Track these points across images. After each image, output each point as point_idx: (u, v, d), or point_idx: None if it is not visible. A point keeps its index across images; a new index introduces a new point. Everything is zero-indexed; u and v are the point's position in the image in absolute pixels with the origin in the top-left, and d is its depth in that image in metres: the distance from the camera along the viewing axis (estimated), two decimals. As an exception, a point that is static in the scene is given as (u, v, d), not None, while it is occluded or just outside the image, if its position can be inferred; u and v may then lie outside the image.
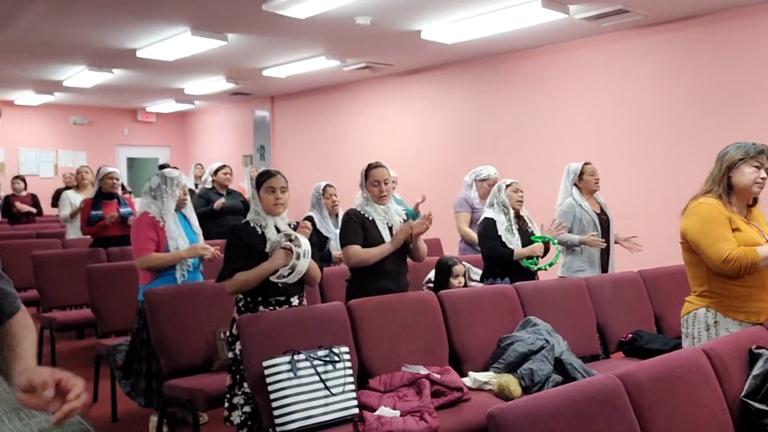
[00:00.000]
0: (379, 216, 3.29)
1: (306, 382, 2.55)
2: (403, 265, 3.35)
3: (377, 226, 3.27)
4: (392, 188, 3.45)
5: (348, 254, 3.22)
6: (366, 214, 3.28)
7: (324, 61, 6.83)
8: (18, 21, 5.31)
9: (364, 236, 3.22)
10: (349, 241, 3.21)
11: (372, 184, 3.28)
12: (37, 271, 4.84)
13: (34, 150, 11.02)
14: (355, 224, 3.23)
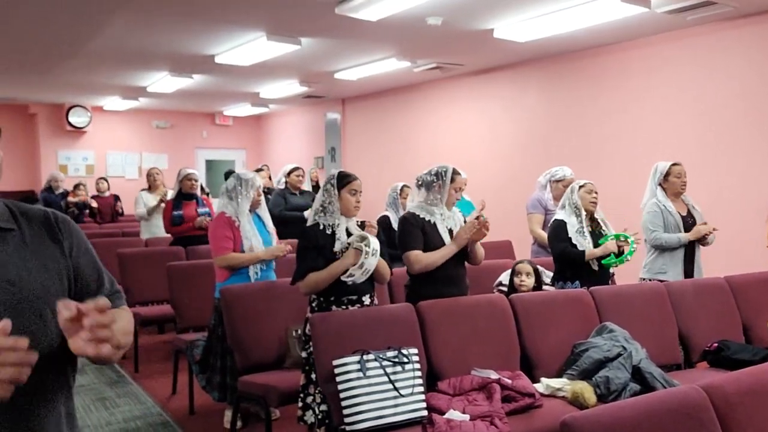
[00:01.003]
0: (442, 219, 3.22)
1: (375, 382, 2.56)
2: (461, 268, 3.27)
3: (438, 230, 3.16)
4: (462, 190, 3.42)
5: (410, 260, 3.10)
6: (426, 217, 3.18)
7: (395, 62, 6.85)
8: (106, 31, 5.62)
9: (424, 240, 3.12)
10: (410, 246, 3.10)
11: (455, 189, 3.21)
12: (122, 269, 5.10)
13: (120, 152, 11.63)
14: (415, 229, 3.12)
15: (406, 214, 3.24)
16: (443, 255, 3.11)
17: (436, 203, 3.20)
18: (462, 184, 3.27)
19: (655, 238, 3.99)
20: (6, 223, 1.24)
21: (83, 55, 6.66)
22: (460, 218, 3.32)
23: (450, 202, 3.24)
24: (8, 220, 1.26)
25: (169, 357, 4.75)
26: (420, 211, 3.20)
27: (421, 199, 3.23)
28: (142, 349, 5.12)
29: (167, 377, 4.45)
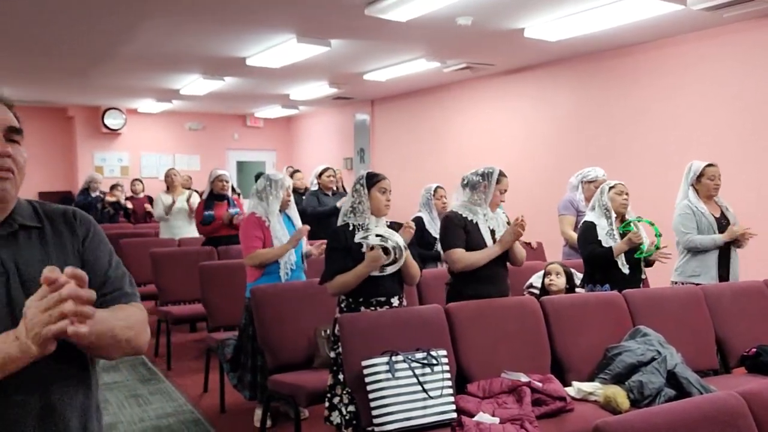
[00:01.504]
0: (483, 218, 3.24)
1: (404, 383, 2.55)
2: (503, 269, 3.28)
3: (479, 229, 3.21)
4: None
5: (452, 259, 3.18)
6: (469, 216, 3.23)
7: (424, 63, 6.84)
8: (141, 35, 5.74)
9: (466, 239, 3.17)
10: (453, 244, 3.17)
11: (500, 191, 3.25)
12: (155, 268, 5.19)
13: (154, 154, 11.86)
14: (457, 227, 3.19)
15: (449, 213, 3.28)
16: (486, 256, 3.14)
17: (480, 203, 3.25)
18: (507, 186, 3.30)
19: (688, 241, 3.90)
20: (31, 221, 1.28)
21: (118, 59, 6.80)
22: (504, 220, 3.33)
23: (494, 203, 3.27)
24: (33, 218, 1.29)
25: (201, 355, 4.82)
26: (463, 210, 3.25)
27: (465, 199, 3.28)
28: (175, 347, 5.20)
29: (199, 375, 4.51)
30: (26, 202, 1.32)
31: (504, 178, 3.28)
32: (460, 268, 3.18)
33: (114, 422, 3.82)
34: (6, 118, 1.24)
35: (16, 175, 1.23)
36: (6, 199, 1.22)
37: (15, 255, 1.22)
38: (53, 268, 1.10)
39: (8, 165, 1.21)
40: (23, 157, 1.25)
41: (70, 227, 1.33)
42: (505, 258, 3.26)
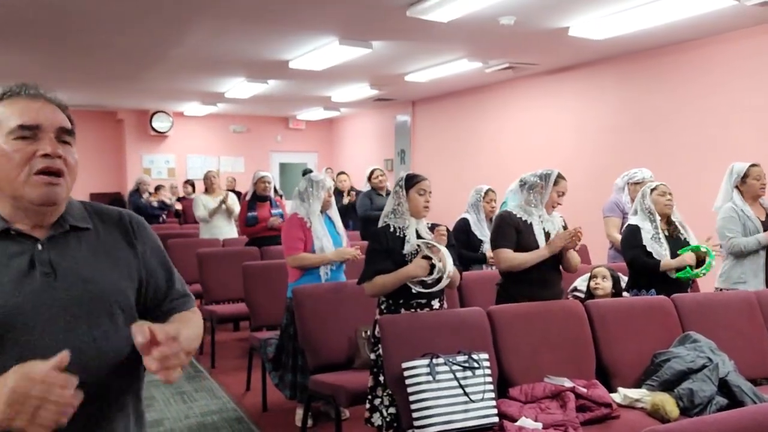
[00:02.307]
0: (539, 220, 3.21)
1: (445, 386, 2.53)
2: (556, 273, 3.23)
3: (533, 230, 3.18)
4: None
5: (499, 258, 3.17)
6: (523, 217, 3.21)
7: (466, 63, 6.79)
8: (189, 39, 5.87)
9: (518, 240, 3.15)
10: (501, 244, 3.16)
11: (558, 193, 3.23)
12: (201, 268, 5.29)
13: (199, 156, 12.12)
14: (509, 227, 3.17)
15: (503, 212, 3.29)
16: (534, 258, 3.11)
17: (536, 204, 3.23)
18: (565, 188, 3.27)
19: (733, 245, 3.75)
20: (82, 222, 1.29)
21: (166, 63, 6.98)
22: (560, 223, 3.29)
23: (550, 205, 3.24)
24: (84, 219, 1.30)
25: (244, 354, 4.89)
26: (518, 210, 3.24)
27: (522, 199, 3.26)
28: (219, 345, 5.29)
29: (242, 374, 4.58)
30: (78, 203, 1.33)
31: (562, 180, 3.25)
32: (505, 268, 3.18)
33: (160, 418, 3.92)
34: (58, 119, 1.25)
35: (67, 177, 1.24)
36: (57, 201, 1.23)
37: (64, 256, 1.24)
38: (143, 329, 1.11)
39: (59, 166, 1.22)
40: (74, 158, 1.26)
41: (124, 232, 1.34)
42: (558, 262, 3.21)
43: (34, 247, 1.22)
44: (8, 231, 1.21)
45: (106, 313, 1.25)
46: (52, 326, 1.19)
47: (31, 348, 1.17)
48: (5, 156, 1.19)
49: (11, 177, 1.19)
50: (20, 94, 1.24)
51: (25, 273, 1.19)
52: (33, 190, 1.19)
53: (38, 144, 1.20)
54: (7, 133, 1.20)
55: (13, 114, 1.21)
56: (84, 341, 1.21)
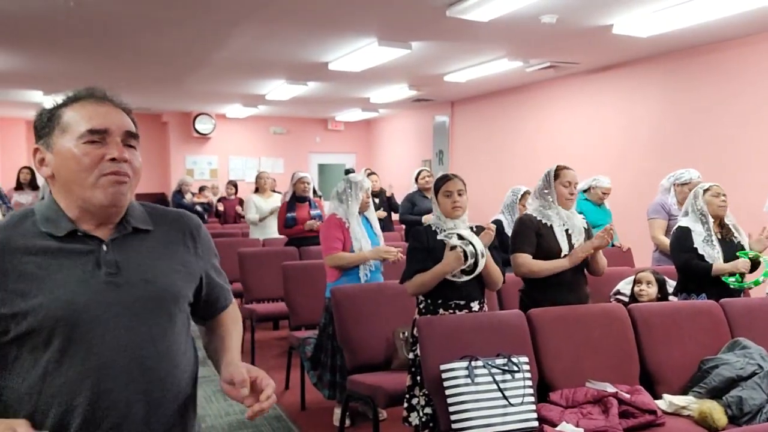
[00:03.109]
0: (560, 221, 3.14)
1: (483, 389, 2.51)
2: (580, 275, 3.15)
3: (554, 232, 3.10)
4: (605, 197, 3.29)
5: (517, 263, 3.10)
6: (543, 219, 3.14)
7: (506, 63, 6.72)
8: (231, 43, 5.97)
9: (539, 243, 3.08)
10: (520, 248, 3.09)
11: (563, 184, 3.13)
12: (242, 267, 5.37)
13: (240, 157, 12.32)
14: (528, 231, 3.10)
15: (523, 215, 3.24)
16: (553, 267, 3.04)
17: (550, 205, 3.15)
18: (570, 178, 3.16)
19: None
20: (143, 224, 1.34)
21: (210, 66, 7.12)
22: (580, 222, 3.19)
23: (562, 198, 3.14)
24: (145, 221, 1.35)
25: (283, 353, 4.95)
26: (537, 213, 3.17)
27: (538, 203, 3.20)
28: (258, 344, 5.35)
29: (281, 372, 4.62)
30: (139, 205, 1.38)
31: (565, 170, 3.15)
32: (522, 274, 3.12)
33: (201, 415, 3.99)
34: (124, 124, 1.29)
35: (132, 180, 1.29)
36: (122, 204, 1.28)
37: (127, 257, 1.28)
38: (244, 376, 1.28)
39: (125, 170, 1.26)
40: (139, 161, 1.31)
41: (182, 232, 1.39)
42: (584, 265, 3.13)
43: (99, 248, 1.26)
44: (75, 232, 1.26)
45: (165, 313, 1.30)
46: (114, 325, 1.23)
47: (94, 346, 1.21)
48: (75, 159, 1.23)
49: (80, 180, 1.23)
50: (88, 98, 1.28)
51: (90, 273, 1.24)
52: (100, 192, 1.24)
53: (106, 148, 1.25)
54: (77, 137, 1.24)
55: (82, 118, 1.25)
56: (144, 339, 1.26)
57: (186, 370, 1.35)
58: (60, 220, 1.26)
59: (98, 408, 1.21)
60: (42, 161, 1.28)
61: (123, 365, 1.23)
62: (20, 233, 1.24)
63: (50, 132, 1.26)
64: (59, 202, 1.28)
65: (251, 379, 1.29)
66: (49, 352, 1.19)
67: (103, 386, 1.21)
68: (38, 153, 1.28)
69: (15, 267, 1.20)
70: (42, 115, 1.28)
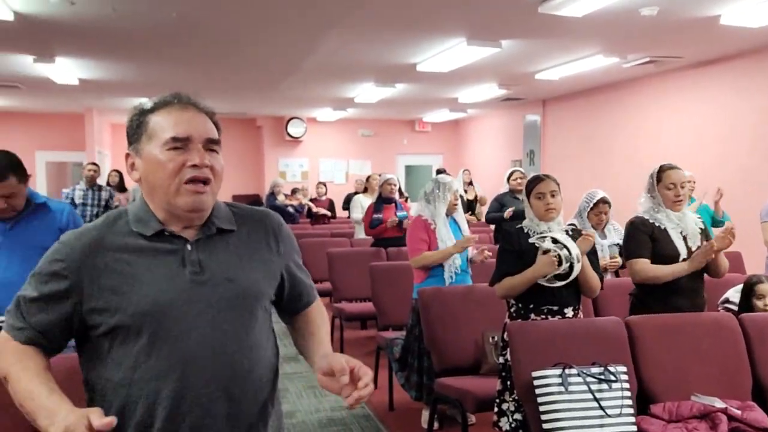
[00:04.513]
0: (672, 224, 2.96)
1: (578, 398, 2.40)
2: (699, 280, 2.95)
3: (670, 236, 2.93)
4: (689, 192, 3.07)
5: (634, 269, 2.95)
6: (656, 222, 2.97)
7: (601, 59, 6.46)
8: (322, 48, 6.11)
9: (654, 248, 2.92)
10: (636, 253, 2.94)
11: (667, 187, 2.96)
12: (331, 267, 5.47)
13: (330, 159, 12.59)
14: (643, 234, 2.94)
15: (634, 218, 3.05)
16: (672, 272, 2.86)
17: (658, 208, 2.99)
18: (675, 179, 2.94)
19: None
20: (227, 224, 1.38)
21: (302, 71, 7.32)
22: (694, 223, 3.00)
23: (669, 203, 2.96)
24: (230, 221, 1.39)
25: (371, 352, 4.98)
26: (649, 215, 3.00)
27: (648, 205, 3.04)
28: (346, 343, 5.43)
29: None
30: (225, 205, 1.42)
31: (669, 171, 2.94)
32: (640, 280, 2.96)
33: (293, 410, 4.09)
34: (206, 130, 1.33)
35: (213, 184, 1.32)
36: (204, 208, 1.32)
37: (211, 256, 1.33)
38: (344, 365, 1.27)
39: (206, 175, 1.30)
40: (221, 165, 1.34)
41: (267, 234, 1.42)
42: (702, 268, 2.94)
43: (185, 248, 1.32)
44: (163, 232, 1.32)
45: (247, 311, 1.34)
46: (198, 322, 1.28)
47: (179, 341, 1.26)
48: (160, 165, 1.29)
49: (165, 185, 1.29)
50: (173, 104, 1.34)
51: (175, 271, 1.29)
52: (182, 198, 1.29)
53: (188, 154, 1.29)
54: (162, 143, 1.29)
55: (167, 125, 1.30)
56: (226, 336, 1.30)
57: (267, 367, 1.37)
58: (150, 220, 1.32)
59: (183, 401, 1.26)
60: (132, 166, 1.34)
61: (206, 361, 1.27)
62: (113, 232, 1.31)
63: (139, 138, 1.32)
64: (149, 204, 1.34)
65: (350, 368, 1.28)
66: (138, 346, 1.25)
67: (187, 381, 1.26)
68: (129, 158, 1.35)
69: (107, 264, 1.27)
70: (132, 121, 1.35)
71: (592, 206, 3.96)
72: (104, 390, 1.28)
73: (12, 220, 2.48)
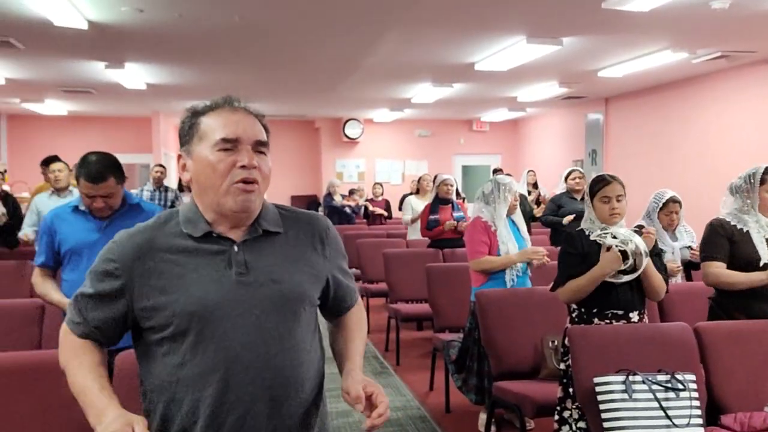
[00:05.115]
0: (756, 227, 2.81)
1: (642, 407, 2.32)
2: None
3: (752, 239, 2.79)
4: None
5: (707, 272, 2.85)
6: (738, 224, 2.84)
7: (669, 54, 6.22)
8: (380, 49, 6.14)
9: (732, 251, 2.80)
10: (710, 256, 2.83)
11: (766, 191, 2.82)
12: (387, 267, 5.48)
13: (386, 160, 12.63)
14: (721, 237, 2.82)
15: (715, 220, 2.93)
16: (749, 281, 2.75)
17: (748, 210, 2.84)
18: None
19: None
20: (274, 227, 1.39)
21: (359, 73, 7.37)
22: None
23: (765, 209, 2.83)
24: (277, 224, 1.40)
25: (427, 354, 4.96)
26: (732, 218, 2.88)
27: (734, 207, 2.90)
28: (403, 344, 5.43)
29: (425, 373, 4.64)
30: (273, 207, 1.44)
31: None
32: (711, 284, 2.85)
33: (349, 410, 4.11)
34: (255, 132, 1.36)
35: (261, 185, 1.34)
36: (252, 209, 1.35)
37: (257, 257, 1.35)
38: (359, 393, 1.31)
39: (254, 176, 1.32)
40: (268, 166, 1.37)
41: (312, 235, 1.44)
42: None
43: (231, 249, 1.34)
44: (211, 233, 1.34)
45: (291, 312, 1.35)
46: (243, 322, 1.30)
47: (223, 341, 1.29)
48: (211, 166, 1.32)
49: (216, 185, 1.31)
50: (223, 106, 1.37)
51: (222, 272, 1.32)
52: (232, 199, 1.31)
53: (237, 155, 1.32)
54: (212, 144, 1.32)
55: (217, 127, 1.33)
56: (270, 337, 1.32)
57: (311, 368, 1.38)
58: (198, 221, 1.35)
59: (225, 401, 1.28)
60: (184, 167, 1.38)
61: (249, 361, 1.29)
62: (164, 233, 1.34)
63: (190, 139, 1.36)
64: (198, 205, 1.37)
65: (367, 395, 1.32)
66: (185, 344, 1.29)
67: (231, 380, 1.28)
68: (181, 159, 1.38)
69: (157, 264, 1.31)
70: (184, 123, 1.38)
71: (662, 206, 3.80)
72: (153, 385, 1.32)
73: (108, 219, 2.62)
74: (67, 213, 2.66)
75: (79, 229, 2.61)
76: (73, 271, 2.60)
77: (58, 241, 2.63)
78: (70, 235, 2.61)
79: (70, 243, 2.61)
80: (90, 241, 2.56)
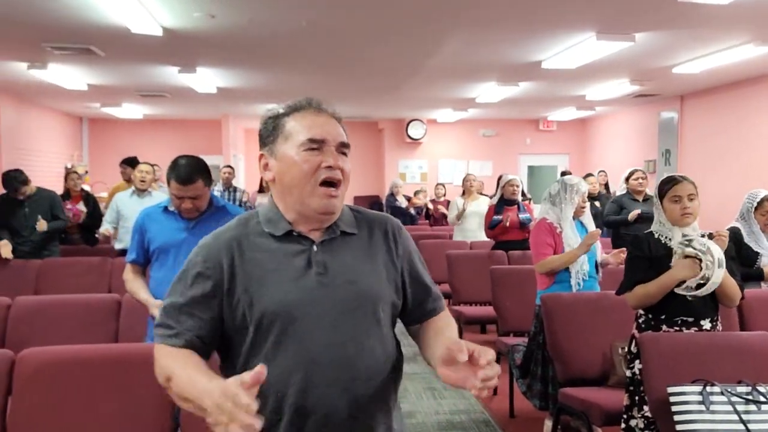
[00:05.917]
0: None
1: (721, 419, 2.21)
2: None
3: None
4: None
5: None
6: None
7: (751, 48, 5.89)
8: (445, 49, 6.10)
9: None
10: None
11: None
12: (450, 269, 5.44)
13: (449, 160, 12.55)
14: None
15: None
16: None
17: None
18: None
19: None
20: (350, 228, 1.40)
21: (423, 73, 7.36)
22: None
23: None
24: (352, 225, 1.41)
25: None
26: None
27: None
28: (466, 346, 5.37)
29: (488, 377, 4.58)
30: (348, 209, 1.45)
31: None
32: None
33: (413, 411, 4.11)
34: (339, 134, 1.38)
35: (343, 186, 1.36)
36: (335, 211, 1.36)
37: (334, 258, 1.36)
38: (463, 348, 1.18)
39: (338, 177, 1.34)
40: (348, 167, 1.38)
41: (387, 239, 1.44)
42: None
43: (311, 248, 1.36)
44: (291, 232, 1.36)
45: (368, 313, 1.35)
46: (321, 322, 1.31)
47: (304, 341, 1.30)
48: (297, 166, 1.34)
49: (301, 185, 1.33)
50: (308, 108, 1.39)
51: (302, 271, 1.33)
52: (316, 200, 1.33)
53: (323, 155, 1.33)
54: (298, 145, 1.34)
55: (303, 128, 1.35)
56: (348, 336, 1.32)
57: (387, 369, 1.37)
58: (279, 221, 1.37)
59: (307, 401, 1.29)
60: (266, 166, 1.39)
61: (329, 361, 1.29)
62: (247, 233, 1.37)
63: (274, 140, 1.37)
64: (278, 205, 1.39)
65: (468, 352, 1.20)
66: (268, 343, 1.30)
67: (312, 380, 1.29)
68: (263, 158, 1.40)
69: (242, 263, 1.33)
70: (267, 123, 1.40)
71: (756, 206, 3.67)
72: None
73: (195, 219, 2.73)
74: (157, 213, 2.79)
75: (167, 228, 2.73)
76: (160, 269, 2.71)
77: (147, 239, 2.76)
78: (159, 234, 2.73)
79: (159, 241, 2.73)
80: (177, 241, 2.67)
